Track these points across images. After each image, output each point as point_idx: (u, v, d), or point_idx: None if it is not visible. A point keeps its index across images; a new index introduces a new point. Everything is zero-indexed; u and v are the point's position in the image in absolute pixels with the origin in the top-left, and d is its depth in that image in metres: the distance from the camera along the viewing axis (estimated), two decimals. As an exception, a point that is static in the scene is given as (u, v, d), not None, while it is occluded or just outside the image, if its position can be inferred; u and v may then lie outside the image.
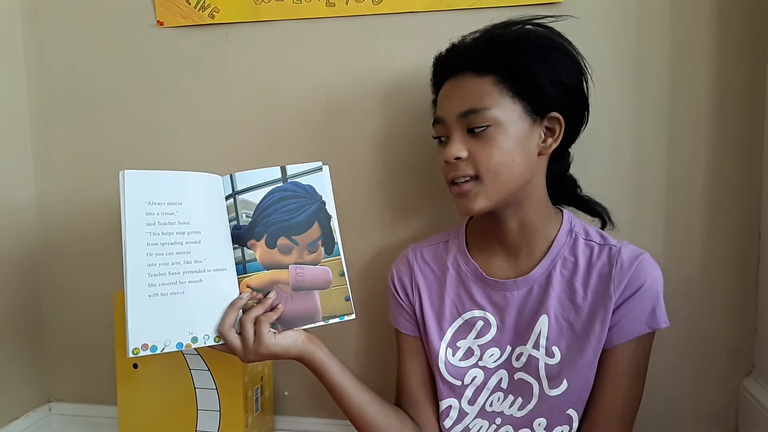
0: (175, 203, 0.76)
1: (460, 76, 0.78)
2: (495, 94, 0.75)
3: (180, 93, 1.10)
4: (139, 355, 0.71)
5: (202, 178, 0.79)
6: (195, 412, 0.98)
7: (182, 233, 0.76)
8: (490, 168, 0.75)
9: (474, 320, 0.84)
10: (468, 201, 0.77)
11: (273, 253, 0.80)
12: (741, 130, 0.92)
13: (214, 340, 0.76)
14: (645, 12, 0.93)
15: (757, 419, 0.90)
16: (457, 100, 0.77)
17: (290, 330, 0.79)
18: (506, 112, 0.75)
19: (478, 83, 0.76)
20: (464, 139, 0.77)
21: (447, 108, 0.79)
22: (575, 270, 0.80)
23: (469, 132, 0.76)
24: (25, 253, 1.16)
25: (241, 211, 0.80)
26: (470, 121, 0.76)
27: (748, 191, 0.93)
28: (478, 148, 0.76)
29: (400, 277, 0.91)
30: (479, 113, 0.75)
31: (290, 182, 0.81)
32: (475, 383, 0.84)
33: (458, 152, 0.76)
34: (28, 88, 1.15)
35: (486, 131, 0.75)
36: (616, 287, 0.77)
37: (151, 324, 0.72)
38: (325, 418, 1.10)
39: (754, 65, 0.91)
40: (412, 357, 0.89)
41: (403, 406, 0.89)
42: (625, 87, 0.95)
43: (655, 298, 0.77)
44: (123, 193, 0.73)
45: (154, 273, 0.73)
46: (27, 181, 1.16)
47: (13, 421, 1.13)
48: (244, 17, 1.04)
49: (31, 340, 1.18)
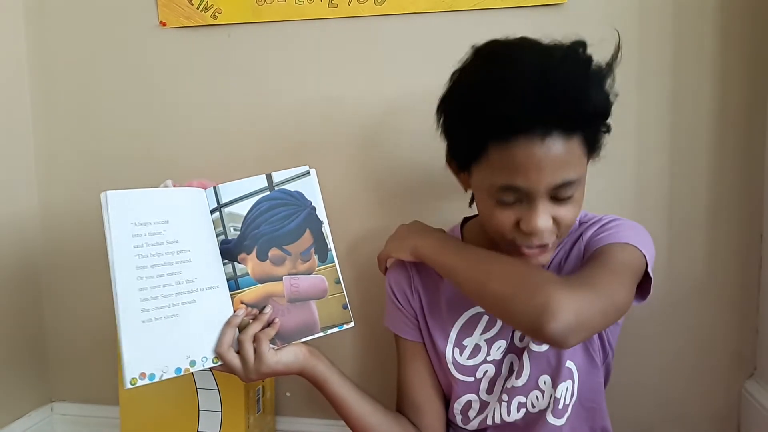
0: (161, 222, 0.72)
1: (548, 138, 0.64)
2: (582, 156, 0.68)
3: (182, 94, 1.10)
4: (136, 386, 0.67)
5: (184, 192, 0.76)
6: (197, 412, 0.98)
7: (171, 252, 0.72)
8: (570, 225, 0.71)
9: (479, 315, 0.83)
10: (542, 257, 0.73)
11: (265, 266, 0.77)
12: (743, 132, 0.92)
13: (213, 362, 0.73)
14: (647, 13, 0.93)
15: (758, 421, 0.90)
16: (551, 170, 0.65)
17: (290, 345, 0.76)
18: (584, 167, 0.70)
19: (569, 149, 0.66)
20: (551, 207, 0.69)
21: (536, 180, 0.66)
22: (565, 256, 0.80)
23: (554, 198, 0.68)
24: (29, 255, 1.16)
25: (229, 225, 0.76)
26: (563, 192, 0.67)
27: (750, 194, 0.93)
28: (564, 212, 0.69)
29: (398, 282, 0.89)
30: (574, 184, 0.67)
31: (277, 190, 0.78)
32: (488, 376, 0.83)
33: (548, 223, 0.69)
34: (31, 91, 1.15)
35: (573, 193, 0.69)
36: (584, 247, 0.77)
37: (146, 352, 0.68)
38: (326, 419, 1.10)
39: (756, 66, 0.91)
40: (414, 362, 0.89)
41: (404, 411, 0.88)
42: (626, 88, 0.94)
43: (616, 223, 0.77)
44: (107, 216, 0.70)
45: (146, 297, 0.69)
46: (30, 187, 1.17)
47: (15, 421, 1.13)
48: (247, 18, 1.04)
49: (34, 340, 1.18)
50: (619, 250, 0.73)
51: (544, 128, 0.64)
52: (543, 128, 0.64)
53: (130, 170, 1.12)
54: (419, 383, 0.88)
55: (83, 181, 1.15)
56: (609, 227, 0.77)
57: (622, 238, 0.74)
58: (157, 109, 1.11)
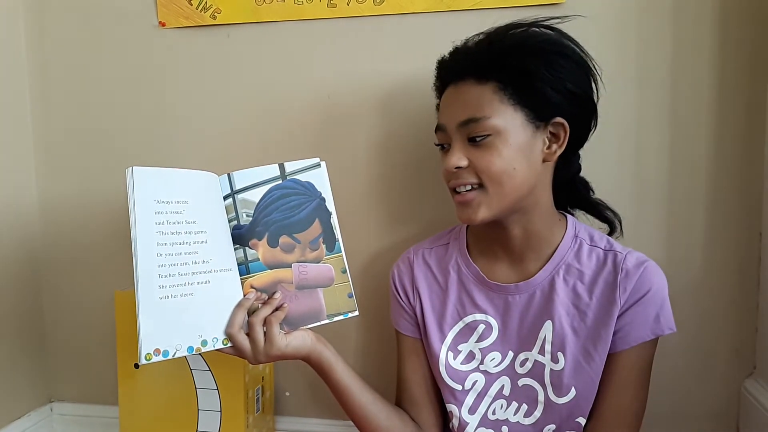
0: (182, 201, 0.74)
1: (461, 82, 0.77)
2: (495, 102, 0.74)
3: (182, 94, 1.10)
4: (151, 361, 0.68)
5: (202, 176, 0.78)
6: (196, 412, 0.98)
7: (190, 233, 0.74)
8: (491, 176, 0.74)
9: (475, 323, 0.84)
10: (471, 211, 0.76)
11: (276, 252, 0.79)
12: (742, 130, 0.93)
13: (223, 343, 0.74)
14: (647, 12, 0.93)
15: (758, 420, 0.90)
16: (457, 108, 0.76)
17: (299, 330, 0.78)
18: (507, 120, 0.74)
19: (479, 91, 0.75)
20: (465, 148, 0.76)
21: (448, 116, 0.78)
22: (580, 276, 0.79)
23: (470, 141, 0.75)
24: (27, 253, 1.16)
25: (241, 211, 0.79)
26: (470, 130, 0.75)
27: (750, 192, 0.93)
28: (478, 156, 0.75)
29: (401, 278, 0.90)
30: (479, 122, 0.74)
31: (289, 179, 0.81)
32: (476, 389, 0.83)
33: (458, 161, 0.75)
34: (30, 90, 1.15)
35: (486, 140, 0.74)
36: (622, 294, 0.76)
37: (162, 328, 0.69)
38: (325, 418, 1.10)
39: (755, 66, 0.91)
40: (413, 358, 0.89)
41: (404, 406, 0.89)
42: (626, 87, 0.95)
43: (659, 305, 0.77)
44: (131, 191, 0.71)
45: (164, 274, 0.71)
46: (29, 183, 1.17)
47: (15, 421, 1.13)
48: (246, 18, 1.05)
49: (33, 340, 1.18)
50: (653, 347, 0.79)
51: (459, 75, 0.78)
52: (459, 75, 0.78)
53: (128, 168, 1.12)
54: (418, 379, 0.89)
55: (83, 180, 1.15)
56: (647, 303, 0.77)
57: (665, 329, 0.78)
58: (155, 109, 1.11)
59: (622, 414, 0.78)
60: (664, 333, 0.77)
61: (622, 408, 0.77)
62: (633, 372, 0.77)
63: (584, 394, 0.78)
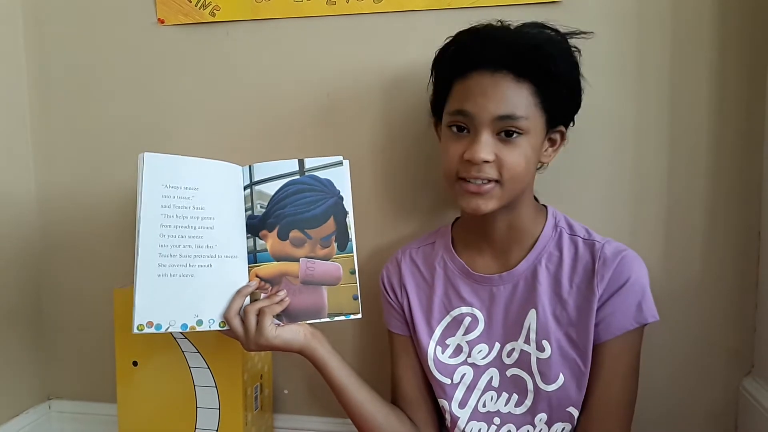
0: (191, 188, 0.78)
1: (498, 74, 0.74)
2: (532, 105, 0.74)
3: (180, 91, 1.10)
4: (143, 332, 0.73)
5: (222, 166, 0.81)
6: (194, 410, 0.98)
7: (196, 218, 0.77)
8: (513, 175, 0.75)
9: (462, 317, 0.85)
10: (482, 202, 0.76)
11: (284, 245, 0.81)
12: (741, 130, 0.92)
13: (219, 325, 0.78)
14: (645, 11, 0.93)
15: (756, 419, 0.90)
16: (495, 100, 0.73)
17: (294, 324, 0.79)
18: (536, 123, 0.75)
19: (517, 89, 0.73)
20: (494, 143, 0.74)
21: (480, 106, 0.74)
22: (560, 264, 0.81)
23: (499, 135, 0.74)
24: (25, 249, 1.16)
25: (256, 202, 0.81)
26: (506, 126, 0.73)
27: (748, 191, 0.93)
28: (506, 153, 0.74)
29: (389, 277, 0.92)
30: (517, 120, 0.73)
31: (308, 175, 0.82)
32: (464, 382, 0.84)
33: (487, 156, 0.74)
34: (28, 86, 1.15)
35: (517, 139, 0.74)
36: (599, 282, 0.77)
37: (157, 302, 0.74)
38: (324, 416, 1.10)
39: (754, 65, 0.91)
40: (404, 356, 0.90)
41: (400, 406, 0.90)
42: (624, 87, 0.95)
43: (640, 294, 0.77)
44: (141, 175, 0.75)
45: (165, 254, 0.75)
46: (27, 178, 1.16)
47: (13, 418, 1.13)
48: (245, 15, 1.04)
49: (31, 337, 1.18)
50: (638, 335, 0.79)
51: (495, 64, 0.73)
52: (494, 64, 0.73)
53: (127, 167, 1.12)
54: (411, 377, 0.89)
55: (82, 177, 1.15)
56: (627, 292, 0.77)
57: (648, 317, 0.77)
58: (154, 106, 1.11)
59: (613, 404, 0.78)
60: (647, 321, 0.77)
61: (611, 399, 0.78)
62: (620, 362, 0.78)
63: (572, 380, 0.79)
